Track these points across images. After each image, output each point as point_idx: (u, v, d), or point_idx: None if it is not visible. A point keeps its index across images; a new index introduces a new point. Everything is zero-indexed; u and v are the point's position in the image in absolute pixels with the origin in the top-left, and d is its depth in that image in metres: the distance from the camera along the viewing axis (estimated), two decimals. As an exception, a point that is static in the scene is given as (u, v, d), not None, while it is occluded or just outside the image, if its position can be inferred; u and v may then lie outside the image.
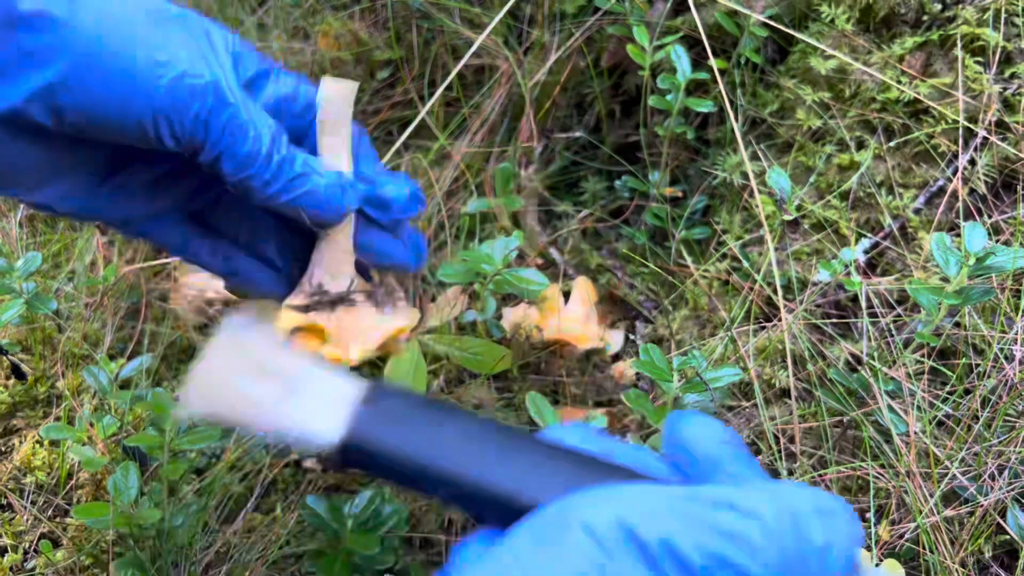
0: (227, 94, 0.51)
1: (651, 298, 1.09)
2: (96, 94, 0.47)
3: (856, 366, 0.85)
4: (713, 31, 1.04)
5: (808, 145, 0.99)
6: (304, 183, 0.54)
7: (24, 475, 0.88)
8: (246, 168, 0.52)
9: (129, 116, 0.48)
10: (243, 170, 0.52)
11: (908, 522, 0.75)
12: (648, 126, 1.11)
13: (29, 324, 0.98)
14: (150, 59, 0.48)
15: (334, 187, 0.56)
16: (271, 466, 0.94)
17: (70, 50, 0.46)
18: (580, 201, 1.20)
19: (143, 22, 0.49)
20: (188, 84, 0.49)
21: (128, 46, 0.48)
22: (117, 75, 0.48)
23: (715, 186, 1.08)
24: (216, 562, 0.83)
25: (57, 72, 0.46)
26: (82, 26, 0.47)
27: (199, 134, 0.51)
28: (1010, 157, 0.87)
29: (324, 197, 0.55)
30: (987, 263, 0.73)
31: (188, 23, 0.51)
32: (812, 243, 0.95)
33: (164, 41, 0.49)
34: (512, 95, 1.18)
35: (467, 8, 1.17)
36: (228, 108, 0.51)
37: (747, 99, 1.06)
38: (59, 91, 0.47)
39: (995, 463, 0.74)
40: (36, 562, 0.81)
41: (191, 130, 0.50)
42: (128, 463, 0.75)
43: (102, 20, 0.47)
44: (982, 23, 0.89)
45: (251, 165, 0.52)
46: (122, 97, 0.48)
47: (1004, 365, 0.77)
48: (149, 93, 0.48)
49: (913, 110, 0.93)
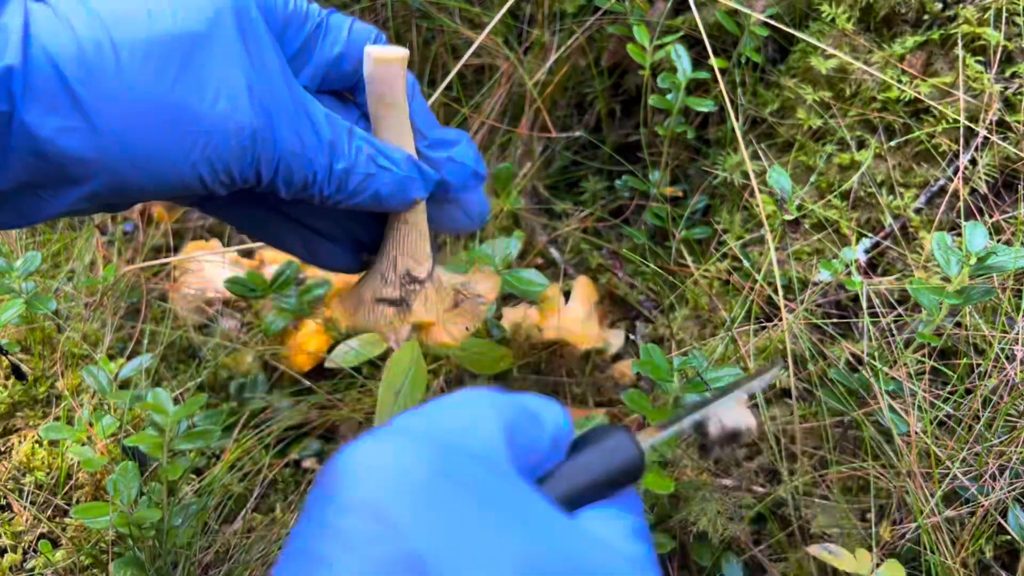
0: (273, 129, 0.49)
1: (651, 298, 1.09)
2: (137, 185, 0.48)
3: (857, 366, 0.85)
4: (713, 30, 1.04)
5: (809, 144, 0.99)
6: (370, 184, 0.54)
7: (23, 475, 0.87)
8: (304, 191, 0.52)
9: (175, 187, 0.48)
10: (301, 192, 0.52)
11: (909, 522, 0.75)
12: (648, 125, 1.11)
13: (29, 324, 0.98)
14: (183, 135, 0.47)
15: (402, 180, 0.55)
16: (271, 466, 0.94)
17: (102, 169, 0.46)
18: (580, 201, 1.20)
19: (166, 89, 0.47)
20: (227, 141, 0.48)
21: (158, 133, 0.47)
22: (154, 166, 0.47)
23: (715, 186, 1.08)
24: (216, 562, 0.82)
25: (93, 186, 0.47)
26: (110, 150, 0.46)
27: (250, 178, 0.50)
28: (1011, 157, 0.87)
29: (391, 192, 0.55)
30: (988, 263, 0.73)
31: (216, 41, 0.48)
32: (813, 243, 0.95)
33: (196, 94, 0.47)
34: (512, 95, 1.18)
35: (467, 8, 1.17)
36: (275, 146, 0.49)
37: (747, 98, 1.06)
38: (102, 194, 0.47)
39: (996, 463, 0.74)
40: (35, 562, 0.81)
41: (241, 178, 0.50)
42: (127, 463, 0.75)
43: (126, 124, 0.46)
44: (983, 22, 0.89)
45: (309, 187, 0.52)
46: (163, 179, 0.48)
47: (1005, 365, 0.77)
48: (189, 165, 0.48)
49: (914, 109, 0.92)
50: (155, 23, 0.47)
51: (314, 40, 0.55)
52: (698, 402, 0.55)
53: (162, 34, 0.47)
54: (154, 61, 0.47)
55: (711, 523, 0.79)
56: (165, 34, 0.47)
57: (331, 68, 0.56)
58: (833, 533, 0.79)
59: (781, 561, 0.82)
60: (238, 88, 0.48)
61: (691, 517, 0.81)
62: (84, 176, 0.46)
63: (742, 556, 0.83)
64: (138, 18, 0.47)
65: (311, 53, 0.55)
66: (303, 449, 0.98)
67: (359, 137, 0.54)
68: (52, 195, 0.48)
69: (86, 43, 0.45)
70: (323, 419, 0.99)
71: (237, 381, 1.03)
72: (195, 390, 0.98)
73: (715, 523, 0.79)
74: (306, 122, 0.51)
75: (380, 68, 0.55)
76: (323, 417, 0.99)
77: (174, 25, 0.47)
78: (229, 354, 1.05)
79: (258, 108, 0.49)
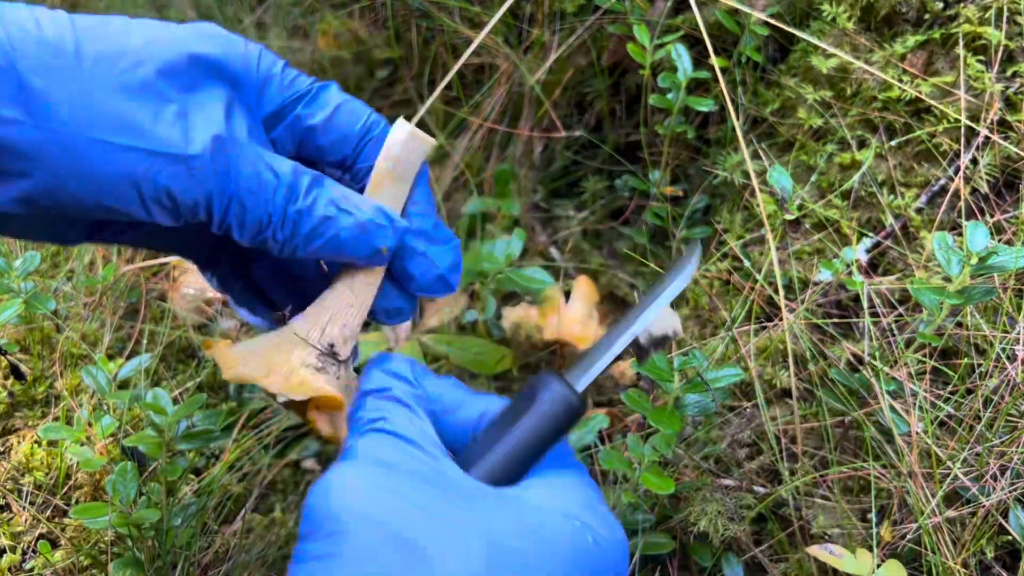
0: (229, 164, 0.48)
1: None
2: (74, 193, 0.46)
3: (857, 366, 0.85)
4: (714, 29, 1.03)
5: (809, 144, 0.99)
6: (327, 228, 0.52)
7: (22, 475, 0.87)
8: (259, 235, 0.51)
9: (114, 202, 0.47)
10: (256, 236, 0.51)
11: (910, 523, 0.75)
12: (649, 125, 1.10)
13: (28, 324, 0.98)
14: (136, 154, 0.46)
15: (365, 224, 0.53)
16: (270, 467, 0.94)
17: (38, 166, 0.45)
18: (581, 201, 1.20)
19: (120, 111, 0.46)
20: (176, 167, 0.47)
21: (106, 151, 0.45)
22: (93, 172, 0.46)
23: (716, 185, 1.08)
24: (215, 562, 0.82)
25: (28, 185, 0.46)
26: (49, 146, 0.45)
27: (200, 214, 0.49)
28: (1012, 156, 0.87)
29: (352, 236, 0.53)
30: (989, 262, 0.73)
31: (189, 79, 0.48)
32: (813, 242, 0.95)
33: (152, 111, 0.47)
34: (512, 94, 1.18)
35: (467, 7, 1.17)
36: (229, 181, 0.49)
37: (748, 98, 1.05)
38: (39, 198, 0.46)
39: (997, 463, 0.74)
40: (34, 562, 0.81)
41: (189, 211, 0.49)
42: (126, 463, 0.75)
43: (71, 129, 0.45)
44: (984, 21, 0.89)
45: (263, 230, 0.51)
46: (101, 190, 0.46)
47: (1006, 365, 0.77)
48: (135, 190, 0.47)
49: (915, 109, 0.92)
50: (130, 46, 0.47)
51: (294, 106, 0.54)
52: (621, 322, 0.56)
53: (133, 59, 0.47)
54: (115, 77, 0.46)
55: (711, 524, 0.79)
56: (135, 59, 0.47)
57: (305, 137, 0.55)
58: (834, 533, 0.79)
59: (782, 561, 0.82)
60: (198, 128, 0.48)
61: (691, 517, 0.81)
62: (19, 171, 0.45)
63: (743, 556, 0.82)
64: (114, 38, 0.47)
65: (287, 116, 0.55)
66: (302, 449, 0.98)
67: (326, 181, 0.53)
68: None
69: (49, 42, 0.45)
70: (323, 419, 0.99)
71: (236, 381, 1.03)
72: (194, 390, 0.98)
73: (715, 524, 0.79)
74: (265, 166, 0.50)
75: (409, 141, 0.54)
76: (323, 417, 0.99)
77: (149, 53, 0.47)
78: (228, 354, 1.05)
79: (216, 149, 0.48)
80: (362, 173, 0.57)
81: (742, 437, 0.85)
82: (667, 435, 0.74)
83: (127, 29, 0.48)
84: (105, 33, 0.47)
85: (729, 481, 0.83)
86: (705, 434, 0.86)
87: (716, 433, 0.86)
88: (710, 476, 0.84)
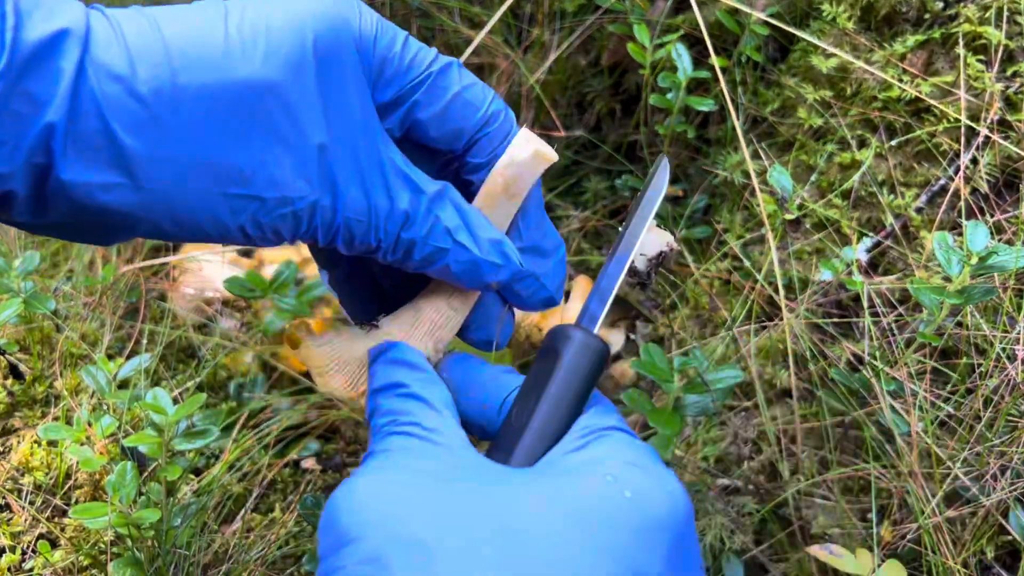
0: (337, 197, 0.46)
1: (652, 297, 1.09)
2: (178, 236, 0.46)
3: (858, 366, 0.85)
4: (714, 29, 1.03)
5: (809, 144, 0.99)
6: (440, 258, 0.51)
7: (22, 475, 0.87)
8: (366, 253, 0.50)
9: (217, 240, 0.47)
10: (363, 253, 0.50)
11: (910, 522, 0.75)
12: (649, 125, 1.10)
13: (27, 324, 0.98)
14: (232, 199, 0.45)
15: (478, 262, 0.51)
16: (270, 466, 0.94)
17: (143, 220, 0.44)
18: (582, 201, 1.20)
19: (224, 148, 0.44)
20: (280, 210, 0.46)
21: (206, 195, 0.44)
22: (197, 225, 0.45)
23: (716, 185, 1.08)
24: (215, 562, 0.82)
25: (132, 234, 0.46)
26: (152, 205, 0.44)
27: (304, 240, 0.49)
28: (1012, 156, 0.87)
29: (463, 271, 0.51)
30: (989, 262, 0.73)
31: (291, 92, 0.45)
32: (813, 242, 0.95)
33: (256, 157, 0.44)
34: (512, 94, 1.18)
35: (466, 7, 1.17)
36: (336, 214, 0.47)
37: (748, 97, 1.05)
38: (142, 235, 0.46)
39: (997, 463, 0.74)
40: (34, 563, 0.81)
41: (292, 239, 0.48)
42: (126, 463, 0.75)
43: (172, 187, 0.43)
44: (984, 21, 0.89)
45: (372, 252, 0.50)
46: (205, 236, 0.46)
47: (1006, 365, 0.77)
48: (236, 227, 0.46)
49: (915, 109, 0.92)
50: (229, 67, 0.43)
51: (410, 95, 0.50)
52: (612, 254, 0.55)
53: (234, 82, 0.43)
54: (218, 114, 0.43)
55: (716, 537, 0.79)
56: (237, 82, 0.43)
57: (416, 126, 0.52)
58: (834, 533, 0.79)
59: (782, 561, 0.82)
60: (305, 151, 0.45)
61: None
62: (124, 226, 0.45)
63: (743, 556, 0.82)
64: (211, 57, 0.43)
65: (402, 106, 0.51)
66: (302, 449, 0.98)
67: (447, 203, 0.50)
68: (91, 235, 0.46)
69: (144, 88, 0.42)
70: (322, 419, 0.99)
71: (236, 381, 1.03)
72: (194, 390, 0.98)
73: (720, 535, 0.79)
74: (381, 186, 0.48)
75: (531, 160, 0.52)
76: (322, 417, 0.99)
77: (250, 71, 0.44)
78: (228, 354, 1.05)
79: (324, 174, 0.46)
80: (470, 168, 0.53)
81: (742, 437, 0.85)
82: (667, 435, 0.74)
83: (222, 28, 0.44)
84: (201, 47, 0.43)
85: (729, 481, 0.83)
86: (705, 434, 0.86)
87: (716, 433, 0.86)
88: (710, 477, 0.84)
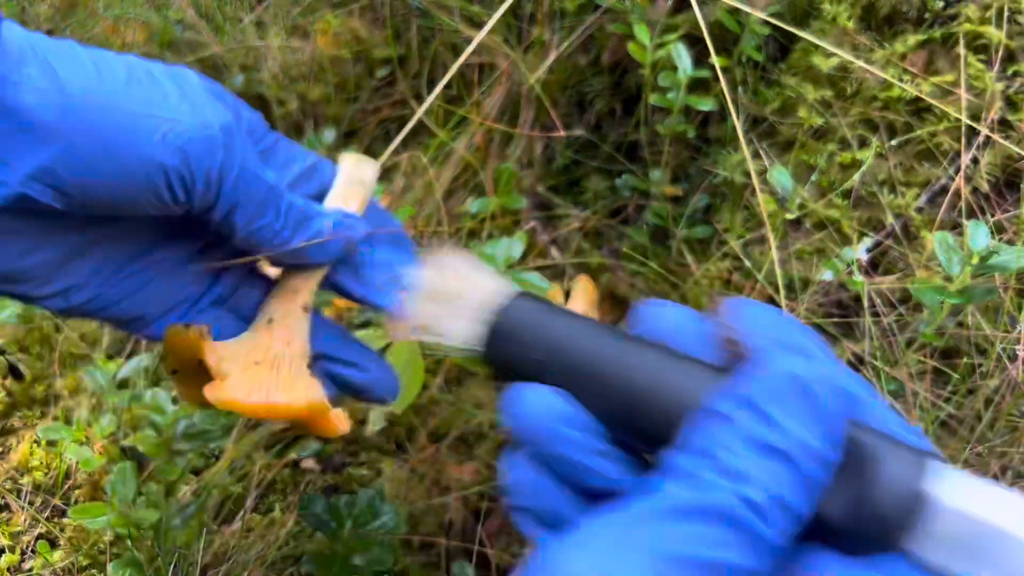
0: (237, 147, 0.50)
1: (652, 297, 1.09)
2: (92, 170, 0.46)
3: (858, 365, 0.85)
4: (714, 28, 1.03)
5: (810, 143, 0.99)
6: (311, 225, 0.54)
7: (22, 475, 0.87)
8: (259, 219, 0.52)
9: (137, 179, 0.47)
10: (256, 220, 0.52)
11: (911, 523, 0.75)
12: (649, 124, 1.10)
13: (27, 324, 0.98)
14: (154, 119, 0.47)
15: (338, 225, 0.55)
16: (269, 466, 0.94)
17: (65, 131, 0.45)
18: (582, 200, 1.19)
19: (142, 83, 0.48)
20: (192, 132, 0.48)
21: (126, 115, 0.46)
22: (119, 145, 0.46)
23: (716, 185, 1.08)
24: (214, 563, 0.82)
25: (54, 152, 0.45)
26: (71, 109, 0.45)
27: (212, 188, 0.49)
28: (1013, 156, 0.86)
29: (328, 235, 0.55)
30: (990, 262, 0.73)
31: (187, 78, 0.50)
32: (814, 242, 0.95)
33: (168, 98, 0.48)
34: (512, 94, 1.18)
35: (466, 6, 1.17)
36: (238, 159, 0.50)
37: (748, 97, 1.05)
38: (59, 169, 0.45)
39: (998, 464, 0.73)
40: (34, 563, 0.81)
41: (204, 185, 0.49)
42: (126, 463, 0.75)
43: (93, 98, 0.46)
44: (985, 21, 0.89)
45: (263, 215, 0.52)
46: (127, 165, 0.46)
47: (1007, 365, 0.76)
48: (157, 154, 0.47)
49: (915, 108, 0.92)
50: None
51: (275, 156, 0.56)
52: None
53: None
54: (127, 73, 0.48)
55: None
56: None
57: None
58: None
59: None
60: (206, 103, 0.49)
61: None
62: (41, 137, 0.44)
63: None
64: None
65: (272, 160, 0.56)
66: (302, 450, 0.98)
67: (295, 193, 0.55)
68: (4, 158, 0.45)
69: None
70: (322, 419, 0.99)
71: (236, 381, 1.02)
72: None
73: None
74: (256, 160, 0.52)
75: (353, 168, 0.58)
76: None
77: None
78: (228, 354, 1.04)
79: (226, 120, 0.49)
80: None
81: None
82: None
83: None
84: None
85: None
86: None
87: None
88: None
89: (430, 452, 0.92)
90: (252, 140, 0.55)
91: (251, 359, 0.53)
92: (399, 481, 0.91)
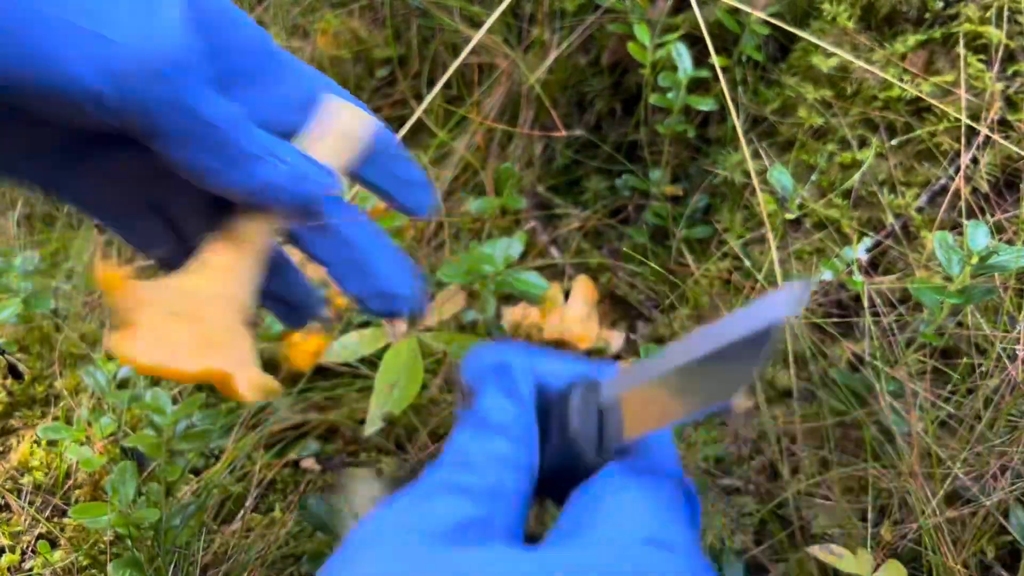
0: (178, 77, 0.44)
1: (652, 297, 1.09)
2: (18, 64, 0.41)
3: (858, 366, 0.85)
4: (714, 28, 1.03)
5: (810, 143, 0.99)
6: (260, 169, 0.48)
7: (21, 475, 0.87)
8: (197, 156, 0.46)
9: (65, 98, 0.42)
10: (195, 158, 0.46)
11: (910, 522, 0.75)
12: (649, 124, 1.10)
13: (27, 323, 0.98)
14: (90, 35, 0.41)
15: (297, 174, 0.49)
16: (269, 466, 0.94)
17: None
18: (582, 200, 1.20)
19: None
20: (134, 67, 0.42)
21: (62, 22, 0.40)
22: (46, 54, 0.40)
23: (716, 185, 1.08)
24: (214, 562, 0.82)
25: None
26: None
27: (144, 120, 0.44)
28: (1013, 156, 0.86)
29: (284, 184, 0.48)
30: (990, 262, 0.73)
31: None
32: (814, 242, 0.95)
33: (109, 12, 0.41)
34: (512, 93, 1.18)
35: (466, 6, 1.17)
36: (178, 93, 0.44)
37: (748, 97, 1.05)
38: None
39: (998, 463, 0.73)
40: (34, 563, 0.81)
41: (136, 116, 0.44)
42: (126, 463, 0.75)
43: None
44: (985, 21, 0.89)
45: (202, 152, 0.46)
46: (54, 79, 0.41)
47: (1007, 365, 0.76)
48: (89, 75, 0.42)
49: (915, 108, 0.92)
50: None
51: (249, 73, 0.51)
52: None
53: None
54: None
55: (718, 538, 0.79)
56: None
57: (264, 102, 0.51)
58: (834, 533, 0.79)
59: (782, 561, 0.82)
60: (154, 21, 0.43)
61: (692, 517, 0.81)
62: None
63: (743, 556, 0.82)
64: None
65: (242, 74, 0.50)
66: (302, 449, 0.98)
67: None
68: None
69: None
70: (322, 419, 0.99)
71: (236, 381, 1.02)
72: (193, 390, 0.98)
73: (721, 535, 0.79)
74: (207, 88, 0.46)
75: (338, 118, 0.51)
76: (322, 417, 0.99)
77: None
78: (228, 353, 1.04)
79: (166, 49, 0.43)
80: None
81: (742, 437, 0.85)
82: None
83: None
84: None
85: (729, 481, 0.83)
86: (705, 434, 0.86)
87: (716, 433, 0.86)
88: (710, 477, 0.84)
89: (430, 452, 0.93)
90: (233, 59, 0.49)
91: (169, 308, 0.47)
92: (399, 481, 0.91)
